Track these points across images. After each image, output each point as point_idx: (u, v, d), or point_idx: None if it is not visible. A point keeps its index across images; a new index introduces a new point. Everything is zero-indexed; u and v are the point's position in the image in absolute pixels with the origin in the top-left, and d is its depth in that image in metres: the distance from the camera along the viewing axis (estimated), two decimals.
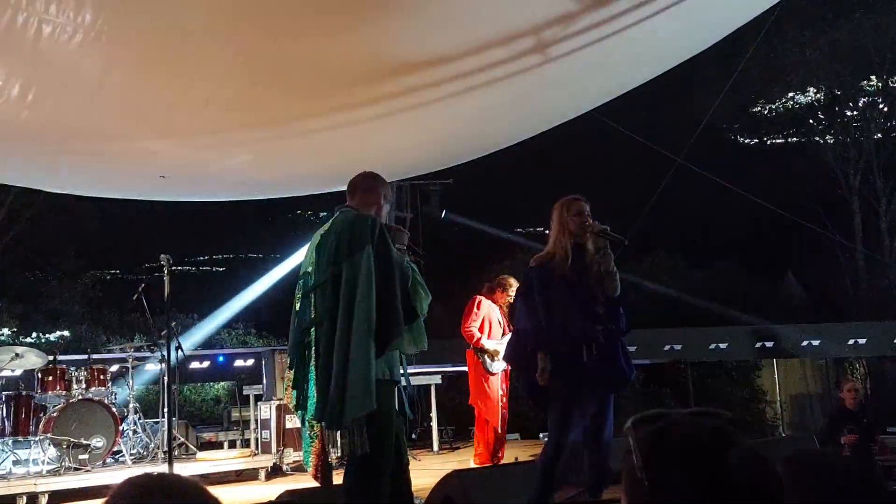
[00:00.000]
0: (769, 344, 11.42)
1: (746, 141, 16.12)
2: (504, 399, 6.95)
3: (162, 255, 4.49)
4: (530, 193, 17.75)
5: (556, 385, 4.22)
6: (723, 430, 1.23)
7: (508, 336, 6.85)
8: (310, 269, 3.51)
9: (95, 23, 3.87)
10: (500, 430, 6.93)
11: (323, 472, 3.43)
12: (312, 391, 3.36)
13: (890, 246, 15.79)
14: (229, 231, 19.79)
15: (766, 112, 16.55)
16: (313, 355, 3.38)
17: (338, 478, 3.66)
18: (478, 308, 6.98)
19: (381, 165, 7.27)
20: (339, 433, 3.61)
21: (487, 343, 6.92)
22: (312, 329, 3.41)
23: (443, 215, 11.73)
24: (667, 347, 11.17)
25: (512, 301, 6.89)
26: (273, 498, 3.56)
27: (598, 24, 4.71)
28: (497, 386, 6.91)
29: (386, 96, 4.99)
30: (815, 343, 11.00)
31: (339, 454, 6.29)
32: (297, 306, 3.51)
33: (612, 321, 4.39)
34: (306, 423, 3.46)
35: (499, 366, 6.91)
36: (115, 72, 4.33)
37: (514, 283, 6.90)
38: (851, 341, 10.75)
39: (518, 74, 5.20)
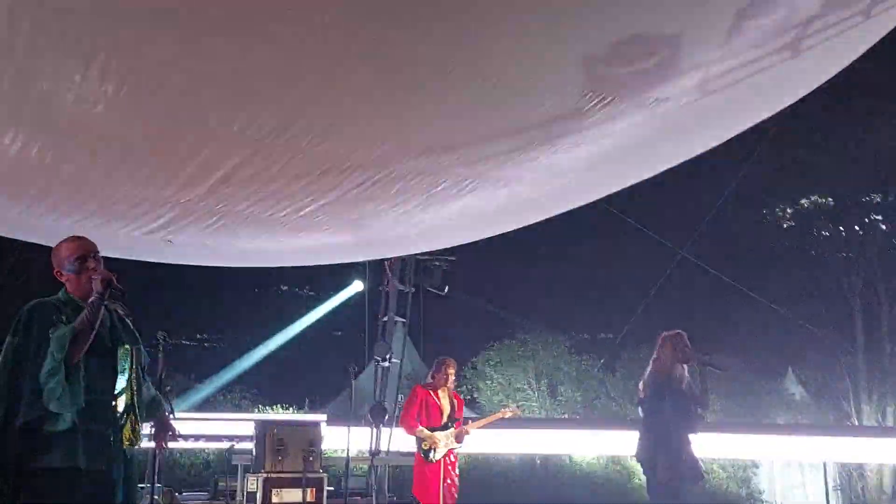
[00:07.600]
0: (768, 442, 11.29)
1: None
2: (452, 490, 6.87)
3: (159, 332, 4.48)
4: (527, 277, 17.85)
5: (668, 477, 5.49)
6: None
7: (452, 426, 6.89)
8: None
9: (118, 93, 3.99)
10: None
11: None
12: None
13: (891, 351, 15.64)
14: (221, 304, 20.05)
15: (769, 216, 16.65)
16: None
17: None
18: (414, 398, 7.03)
19: (388, 241, 7.38)
20: None
21: (424, 432, 6.86)
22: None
23: (444, 291, 11.76)
24: None
25: (455, 383, 7.17)
26: None
27: (605, 120, 4.83)
28: (437, 475, 6.81)
29: (391, 178, 5.11)
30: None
31: None
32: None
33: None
34: None
35: (438, 454, 6.83)
36: (133, 142, 4.44)
37: (452, 365, 7.04)
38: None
39: (526, 163, 5.33)
